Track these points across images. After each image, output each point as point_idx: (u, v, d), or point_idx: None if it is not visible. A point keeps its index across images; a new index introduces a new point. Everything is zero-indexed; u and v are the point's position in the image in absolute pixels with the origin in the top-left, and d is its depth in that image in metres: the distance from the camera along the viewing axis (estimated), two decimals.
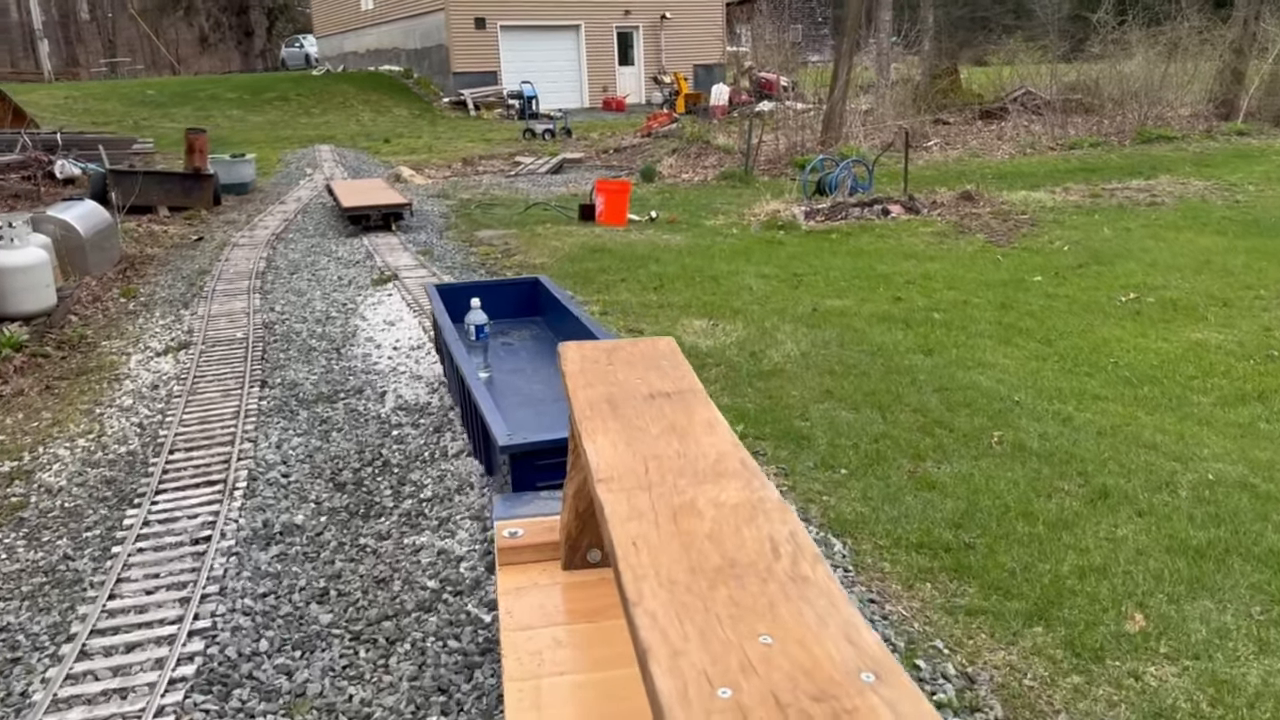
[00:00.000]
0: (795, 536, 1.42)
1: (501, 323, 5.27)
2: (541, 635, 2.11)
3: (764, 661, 1.11)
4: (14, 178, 13.65)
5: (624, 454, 1.71)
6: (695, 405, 1.95)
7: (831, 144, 17.12)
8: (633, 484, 1.60)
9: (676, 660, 1.11)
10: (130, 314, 7.17)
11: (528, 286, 5.65)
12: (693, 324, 6.69)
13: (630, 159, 18.89)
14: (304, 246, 9.60)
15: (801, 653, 1.13)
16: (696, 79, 31.19)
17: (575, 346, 2.30)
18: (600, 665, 2.04)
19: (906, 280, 8.11)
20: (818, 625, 1.18)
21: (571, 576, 2.34)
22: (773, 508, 1.50)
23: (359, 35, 35.14)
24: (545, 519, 2.50)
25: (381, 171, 16.85)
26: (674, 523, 1.46)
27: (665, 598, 1.25)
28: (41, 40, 41.93)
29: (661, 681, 1.08)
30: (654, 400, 1.96)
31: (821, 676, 1.08)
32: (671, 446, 1.75)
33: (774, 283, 8.02)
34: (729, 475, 1.63)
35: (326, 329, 6.51)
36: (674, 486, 1.58)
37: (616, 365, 2.17)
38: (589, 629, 2.16)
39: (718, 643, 1.15)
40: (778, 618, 1.20)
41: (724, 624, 1.19)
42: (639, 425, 1.85)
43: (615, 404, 1.94)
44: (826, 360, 5.86)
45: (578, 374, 2.11)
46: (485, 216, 11.62)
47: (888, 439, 4.64)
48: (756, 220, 11.52)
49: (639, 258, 8.94)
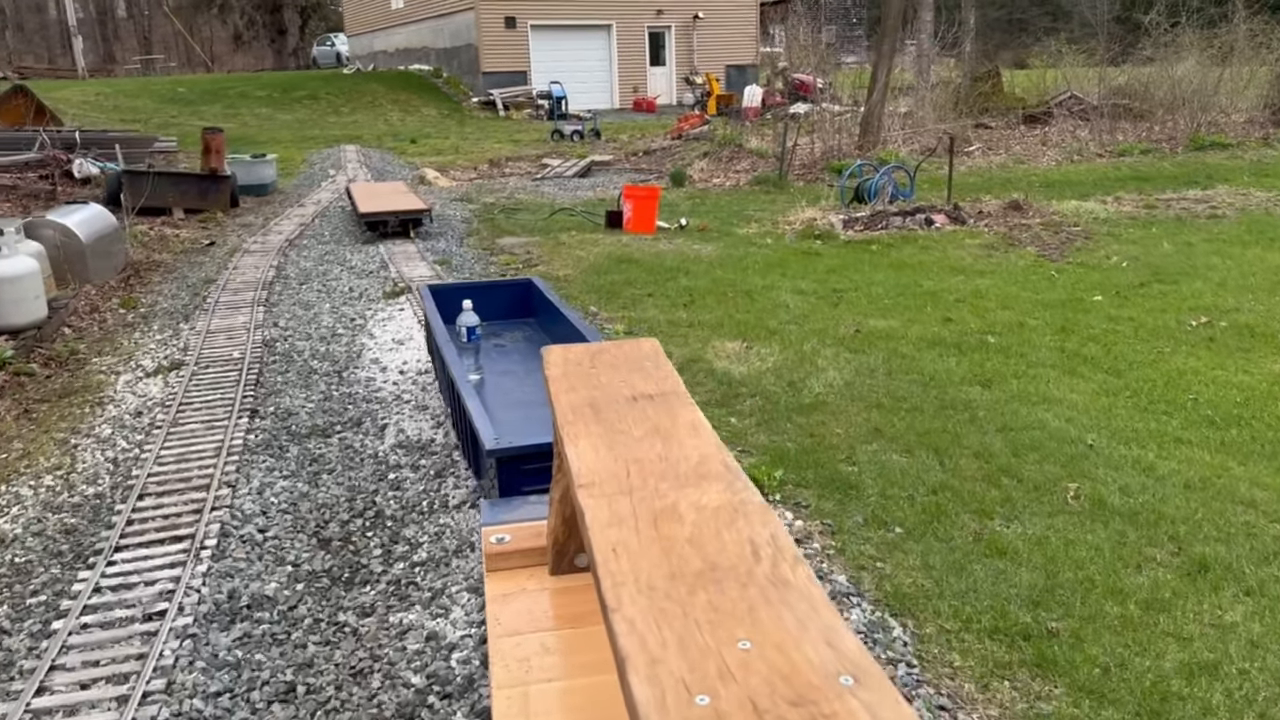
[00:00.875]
0: (776, 539, 1.39)
1: (495, 324, 5.24)
2: (529, 641, 2.08)
3: (742, 667, 1.10)
4: (31, 176, 13.39)
5: (605, 458, 1.69)
6: (678, 407, 1.92)
7: (869, 148, 16.52)
8: (614, 489, 1.57)
9: (654, 668, 1.10)
10: (127, 327, 6.76)
11: (521, 288, 5.58)
12: (725, 346, 6.17)
13: (660, 162, 18.38)
14: (317, 254, 9.17)
15: (780, 657, 1.11)
16: (729, 80, 30.65)
17: (559, 350, 2.25)
18: (588, 671, 2.00)
19: (956, 298, 7.54)
20: (797, 629, 1.17)
21: (559, 582, 2.30)
22: (754, 510, 1.48)
23: (389, 34, 34.92)
24: (532, 524, 2.44)
25: (406, 173, 16.46)
26: (654, 528, 1.44)
27: (644, 604, 1.23)
28: (76, 37, 42.11)
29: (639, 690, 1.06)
30: (636, 403, 1.93)
31: (800, 681, 1.07)
32: (654, 449, 1.72)
33: (812, 299, 7.48)
34: (711, 478, 1.60)
35: (330, 348, 6.06)
36: (655, 490, 1.56)
37: (600, 368, 2.13)
38: (577, 634, 2.12)
39: (696, 649, 1.14)
40: (757, 622, 1.19)
41: (703, 630, 1.18)
42: (621, 429, 1.81)
43: (598, 407, 1.91)
44: (873, 392, 5.32)
45: (560, 378, 2.08)
46: (508, 222, 11.16)
47: (948, 490, 4.10)
48: (791, 229, 10.98)
49: (668, 270, 8.43)
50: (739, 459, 4.40)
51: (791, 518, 3.86)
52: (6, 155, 13.69)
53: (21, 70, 41.40)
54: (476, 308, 4.90)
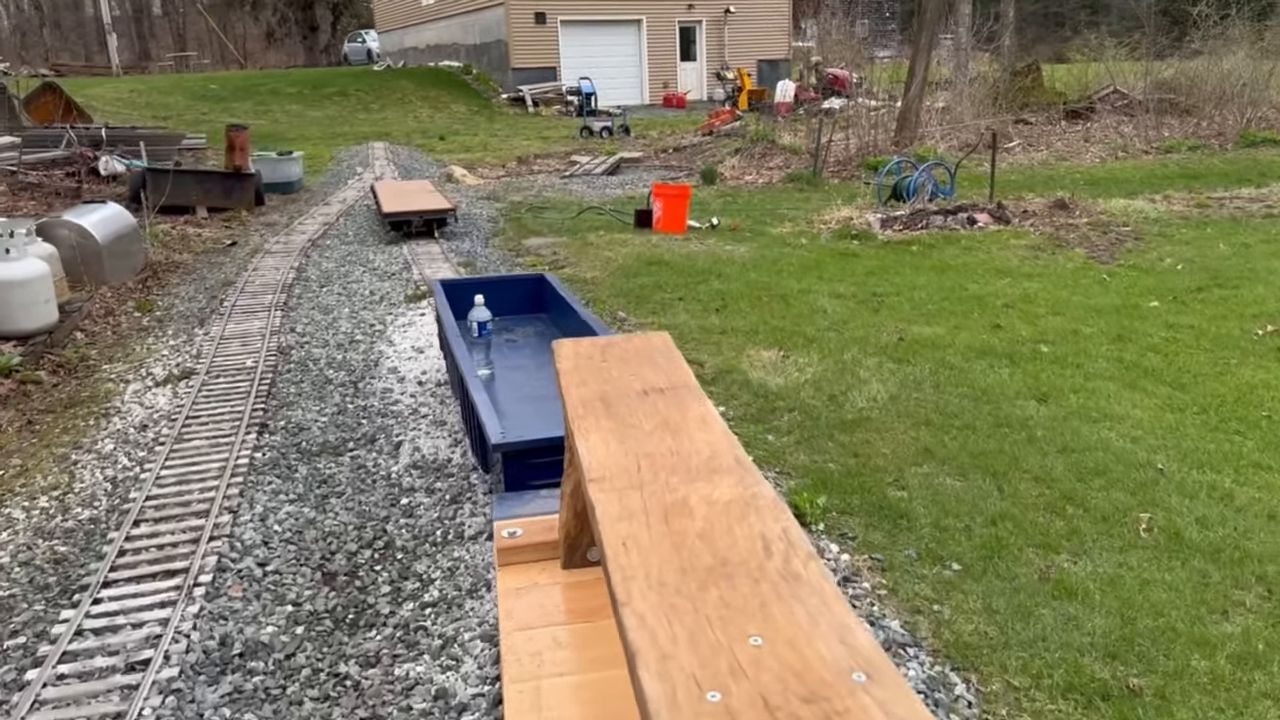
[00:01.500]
0: (788, 533, 1.38)
1: (507, 319, 5.23)
2: (541, 635, 2.05)
3: (754, 663, 1.08)
4: (58, 174, 13.30)
5: (616, 452, 1.67)
6: (689, 401, 1.90)
7: (906, 144, 16.09)
8: (624, 483, 1.56)
9: (665, 663, 1.08)
10: (141, 331, 6.55)
11: (533, 283, 5.55)
12: (760, 355, 5.85)
13: (690, 159, 18.04)
14: (339, 255, 8.94)
15: (792, 654, 1.10)
16: (760, 75, 30.24)
17: (570, 344, 2.22)
18: (600, 665, 1.97)
19: (1004, 303, 7.16)
20: (809, 625, 1.15)
21: (571, 576, 2.27)
22: (766, 505, 1.47)
23: (419, 30, 34.83)
24: (544, 518, 2.42)
25: (433, 171, 16.25)
26: (665, 522, 1.43)
27: (654, 599, 1.22)
28: (111, 34, 42.43)
29: (649, 685, 1.05)
30: (647, 396, 1.91)
31: (812, 677, 1.05)
32: (664, 444, 1.70)
33: (851, 304, 7.13)
34: (722, 472, 1.59)
35: (347, 356, 5.80)
36: (666, 484, 1.55)
37: (610, 362, 2.11)
38: (588, 629, 2.09)
39: (707, 645, 1.12)
40: (769, 618, 1.17)
41: (714, 625, 1.16)
42: (632, 423, 1.80)
43: (609, 401, 1.89)
44: (921, 406, 4.98)
45: (572, 371, 2.06)
46: (535, 222, 10.88)
47: (1008, 520, 3.76)
48: (827, 228, 10.61)
49: (699, 272, 8.11)
50: (778, 482, 4.08)
51: (837, 551, 3.54)
52: (34, 152, 13.61)
53: (57, 67, 41.80)
54: (489, 303, 4.93)
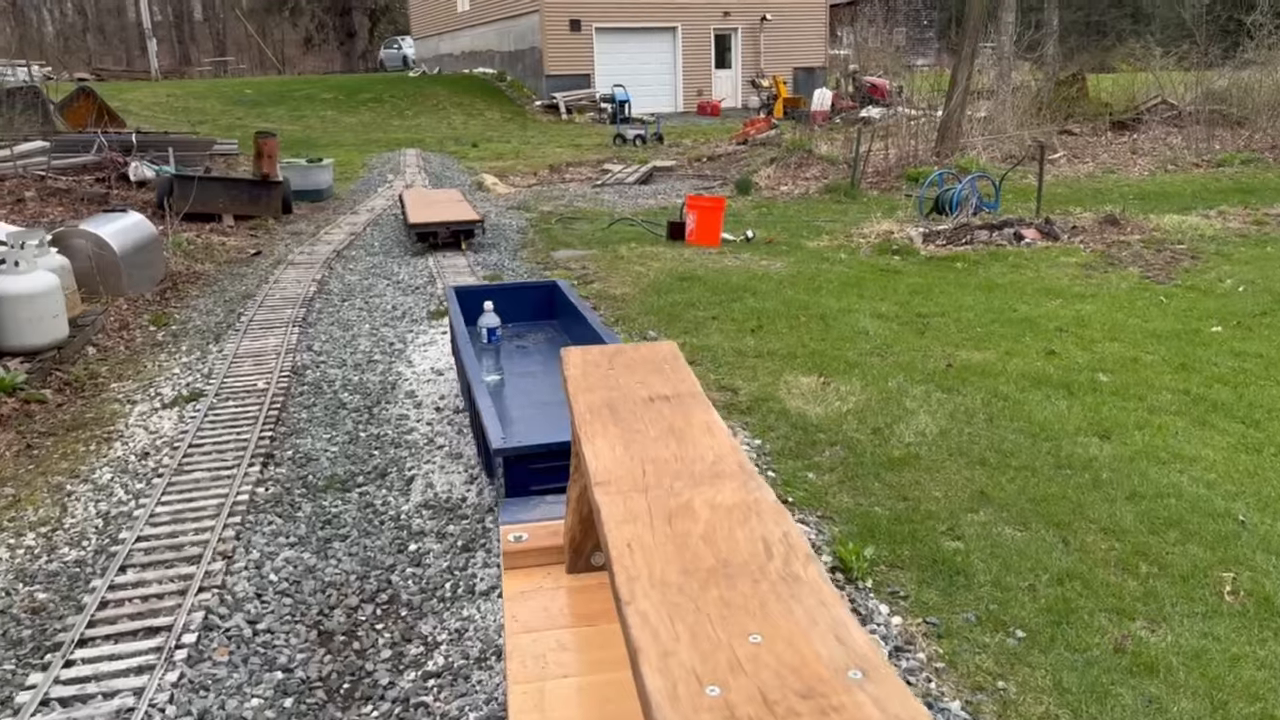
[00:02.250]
0: (788, 537, 1.40)
1: (518, 326, 5.32)
2: (546, 638, 2.08)
3: (753, 660, 1.11)
4: (88, 179, 13.24)
5: (622, 457, 1.70)
6: (694, 408, 1.94)
7: (947, 155, 15.66)
8: (629, 487, 1.58)
9: (666, 660, 1.11)
10: (155, 346, 6.33)
11: (545, 290, 5.61)
12: (799, 382, 5.51)
13: (724, 168, 17.72)
14: (364, 267, 8.71)
15: (790, 651, 1.13)
16: (796, 83, 29.86)
17: (578, 351, 2.28)
18: (603, 667, 2.00)
19: (1057, 327, 6.76)
20: (807, 624, 1.18)
21: (576, 580, 2.30)
22: (767, 509, 1.49)
23: (454, 37, 34.81)
24: (550, 523, 2.45)
25: (464, 179, 16.05)
26: (669, 524, 1.45)
27: (657, 598, 1.24)
28: (151, 39, 42.92)
29: (651, 680, 1.08)
30: (653, 404, 1.96)
31: (809, 674, 1.08)
32: (669, 449, 1.74)
33: (894, 325, 6.77)
34: (725, 477, 1.61)
35: (364, 377, 5.54)
36: (670, 489, 1.57)
37: (617, 369, 2.16)
38: (592, 632, 2.12)
39: (707, 642, 1.15)
40: (768, 617, 1.20)
41: (714, 623, 1.19)
42: (638, 428, 1.83)
43: (615, 408, 1.93)
44: (973, 443, 4.62)
45: (579, 378, 2.10)
46: (565, 233, 10.61)
47: (1076, 579, 3.40)
48: (867, 243, 10.25)
49: (734, 289, 7.79)
50: (820, 529, 3.75)
51: (887, 612, 3.20)
52: (64, 157, 13.57)
53: (98, 72, 42.34)
54: (501, 309, 4.99)
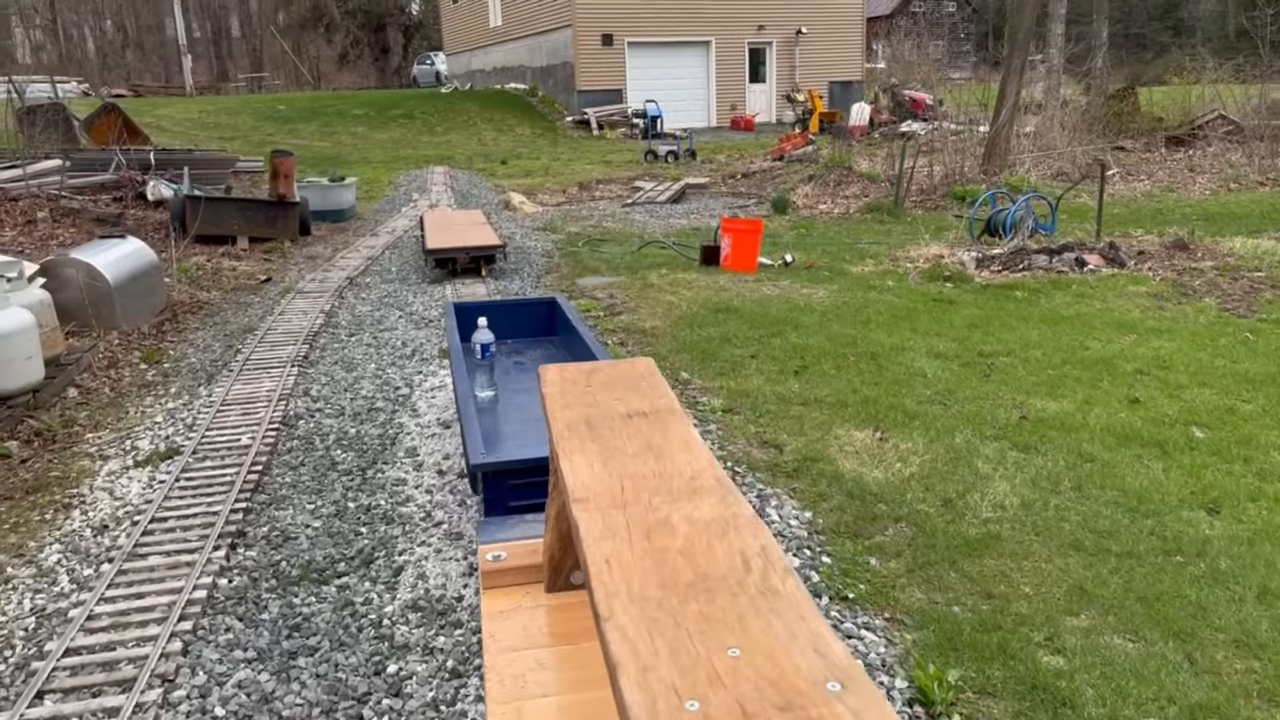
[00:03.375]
0: (766, 551, 1.40)
1: (518, 342, 5.30)
2: (525, 658, 2.05)
3: (732, 673, 1.11)
4: (105, 199, 12.89)
5: (600, 474, 1.70)
6: (671, 424, 1.92)
7: (995, 173, 14.94)
8: (608, 503, 1.58)
9: (646, 675, 1.11)
10: (143, 388, 5.81)
11: (545, 306, 5.59)
12: (852, 437, 4.86)
13: (760, 185, 17.10)
14: (377, 296, 8.16)
15: (769, 664, 1.13)
16: (832, 97, 29.23)
17: (555, 368, 2.25)
18: (582, 686, 1.97)
19: (1135, 369, 6.06)
20: (786, 637, 1.18)
21: (555, 599, 2.25)
22: (745, 523, 1.49)
23: (486, 53, 34.57)
24: (529, 542, 2.39)
25: (491, 197, 15.56)
26: (647, 540, 1.45)
27: (636, 613, 1.24)
28: (186, 55, 43.13)
29: (630, 695, 1.08)
30: (631, 420, 1.94)
31: (788, 687, 1.08)
32: (648, 465, 1.73)
33: (954, 366, 6.10)
34: (703, 492, 1.61)
35: (363, 429, 4.96)
36: (649, 505, 1.57)
37: (595, 386, 2.13)
38: (572, 650, 2.08)
39: (687, 656, 1.15)
40: (747, 630, 1.20)
41: (693, 638, 1.19)
42: (616, 445, 1.82)
43: (593, 424, 1.92)
44: (1062, 519, 3.95)
45: (557, 395, 2.08)
46: (593, 257, 10.03)
47: (1213, 716, 2.73)
48: (915, 268, 9.58)
49: (773, 322, 7.15)
50: (889, 638, 3.10)
51: None
52: (82, 176, 13.23)
53: (136, 88, 42.69)
54: (501, 325, 4.95)
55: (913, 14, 44.03)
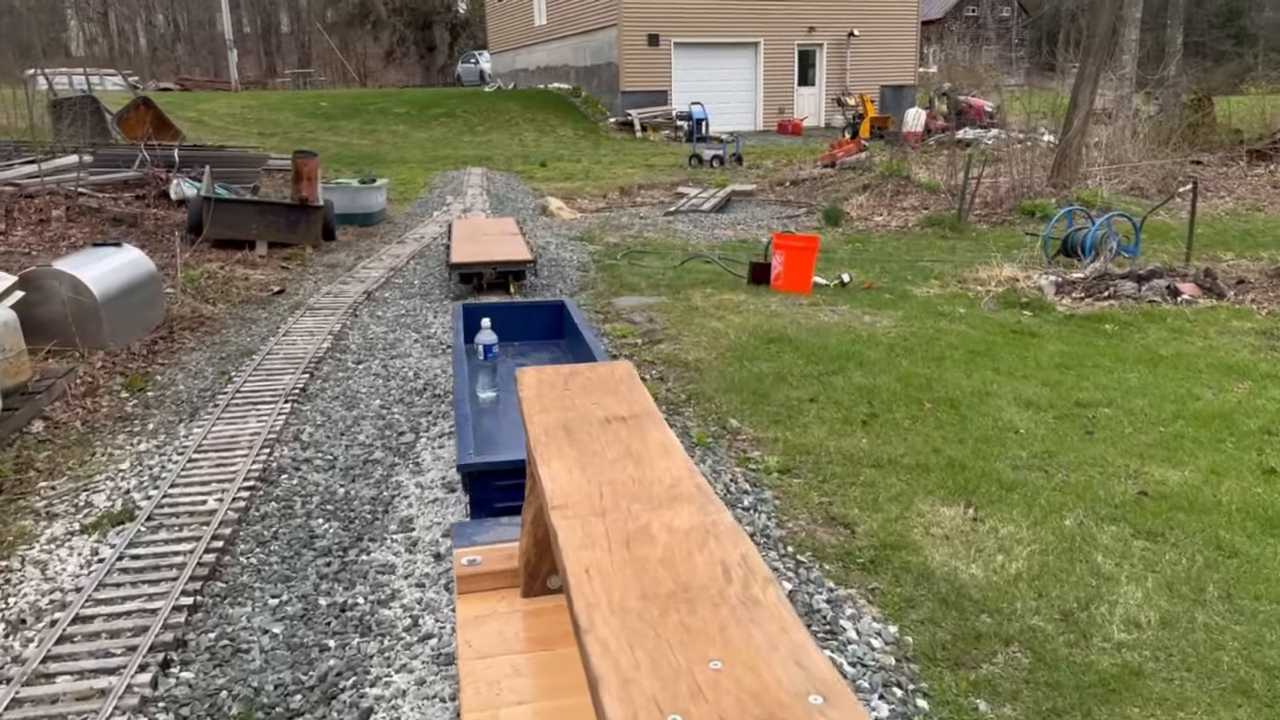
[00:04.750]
0: (747, 560, 1.37)
1: (525, 344, 5.32)
2: (500, 664, 1.99)
3: (713, 687, 1.09)
4: (126, 197, 12.38)
5: (579, 480, 1.67)
6: (650, 429, 1.88)
7: (1065, 186, 13.95)
8: (587, 510, 1.55)
9: (627, 688, 1.09)
10: (119, 422, 5.15)
11: (554, 309, 5.59)
12: (939, 514, 4.05)
13: (810, 194, 16.24)
14: (393, 314, 7.45)
15: (750, 677, 1.10)
16: (883, 101, 28.23)
17: (533, 371, 2.23)
18: (558, 693, 1.91)
19: (1261, 426, 5.17)
20: (767, 649, 1.16)
21: (531, 604, 2.18)
22: (725, 532, 1.46)
23: (530, 52, 34.01)
24: (504, 546, 2.31)
25: (528, 202, 14.87)
26: (627, 549, 1.41)
27: (617, 625, 1.22)
28: (231, 50, 43.09)
29: (612, 710, 1.06)
30: (610, 425, 1.90)
31: (770, 700, 1.06)
32: (626, 471, 1.69)
33: (1049, 419, 5.25)
34: (683, 500, 1.57)
35: (354, 489, 4.22)
36: (628, 512, 1.53)
37: (573, 390, 2.08)
38: (548, 657, 2.03)
39: (668, 669, 1.13)
40: (728, 642, 1.17)
41: (675, 650, 1.17)
42: (594, 450, 1.79)
43: (571, 429, 1.89)
44: (1217, 646, 3.11)
45: (534, 399, 2.05)
46: (631, 272, 9.26)
47: None
48: (986, 291, 8.70)
49: (834, 356, 6.33)
50: None
51: None
52: (104, 172, 12.73)
53: (183, 82, 42.78)
54: (510, 328, 5.08)
55: (966, 18, 42.83)
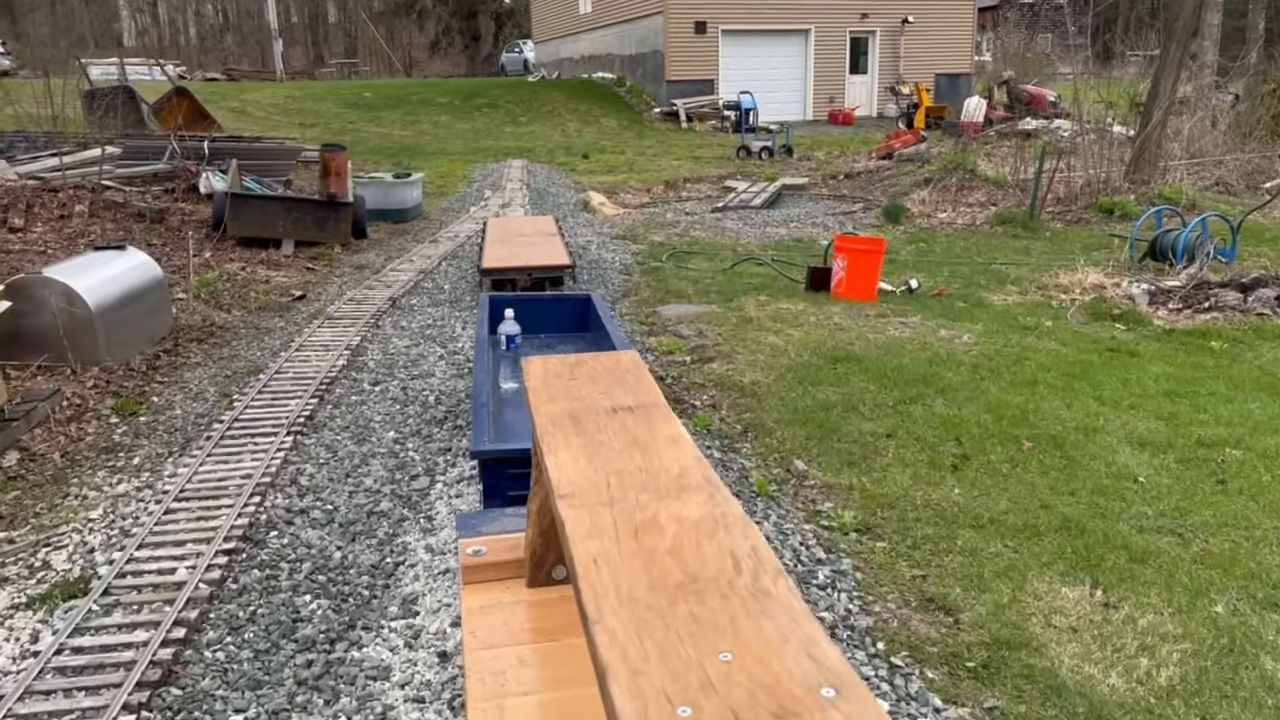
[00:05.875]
0: (757, 551, 1.34)
1: (551, 337, 5.35)
2: (505, 654, 1.96)
3: (724, 679, 1.07)
4: (155, 190, 11.93)
5: (585, 470, 1.65)
6: (658, 419, 1.85)
7: (1143, 182, 12.99)
8: (594, 500, 1.53)
9: (636, 679, 1.08)
10: (103, 454, 4.56)
11: (581, 303, 5.59)
12: (1059, 597, 3.31)
13: (866, 188, 15.40)
14: (419, 325, 6.82)
15: (761, 669, 1.08)
16: (939, 90, 27.15)
17: (539, 361, 2.19)
18: (564, 684, 1.89)
19: None
20: (778, 641, 1.14)
21: (536, 594, 2.15)
22: (734, 522, 1.43)
23: (574, 41, 33.37)
24: (510, 536, 2.29)
25: (570, 196, 14.23)
26: (635, 539, 1.40)
27: (625, 615, 1.20)
28: (277, 40, 43.00)
29: (621, 701, 1.04)
30: (617, 414, 1.87)
31: (781, 692, 1.04)
32: (634, 461, 1.67)
33: (1170, 462, 4.47)
34: (691, 490, 1.55)
35: (352, 553, 3.56)
36: (636, 502, 1.51)
37: (580, 380, 2.07)
38: (553, 647, 1.99)
39: (678, 660, 1.11)
40: (738, 634, 1.15)
41: (684, 641, 1.14)
42: (601, 440, 1.76)
43: (578, 419, 1.86)
44: None
45: (540, 389, 2.02)
46: (678, 276, 8.55)
47: None
48: (1070, 299, 7.88)
49: (910, 380, 5.58)
50: None
51: None
52: (132, 165, 12.30)
53: (230, 72, 42.83)
54: (537, 320, 5.20)
55: (1021, 5, 41.30)
